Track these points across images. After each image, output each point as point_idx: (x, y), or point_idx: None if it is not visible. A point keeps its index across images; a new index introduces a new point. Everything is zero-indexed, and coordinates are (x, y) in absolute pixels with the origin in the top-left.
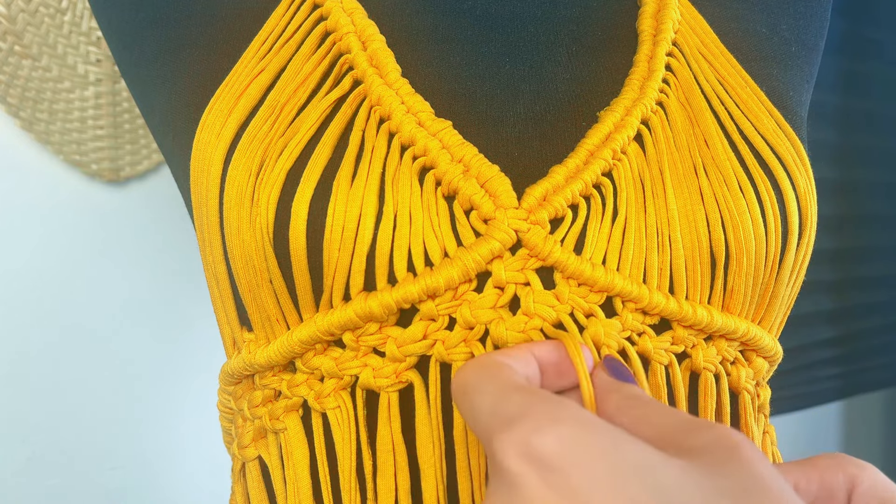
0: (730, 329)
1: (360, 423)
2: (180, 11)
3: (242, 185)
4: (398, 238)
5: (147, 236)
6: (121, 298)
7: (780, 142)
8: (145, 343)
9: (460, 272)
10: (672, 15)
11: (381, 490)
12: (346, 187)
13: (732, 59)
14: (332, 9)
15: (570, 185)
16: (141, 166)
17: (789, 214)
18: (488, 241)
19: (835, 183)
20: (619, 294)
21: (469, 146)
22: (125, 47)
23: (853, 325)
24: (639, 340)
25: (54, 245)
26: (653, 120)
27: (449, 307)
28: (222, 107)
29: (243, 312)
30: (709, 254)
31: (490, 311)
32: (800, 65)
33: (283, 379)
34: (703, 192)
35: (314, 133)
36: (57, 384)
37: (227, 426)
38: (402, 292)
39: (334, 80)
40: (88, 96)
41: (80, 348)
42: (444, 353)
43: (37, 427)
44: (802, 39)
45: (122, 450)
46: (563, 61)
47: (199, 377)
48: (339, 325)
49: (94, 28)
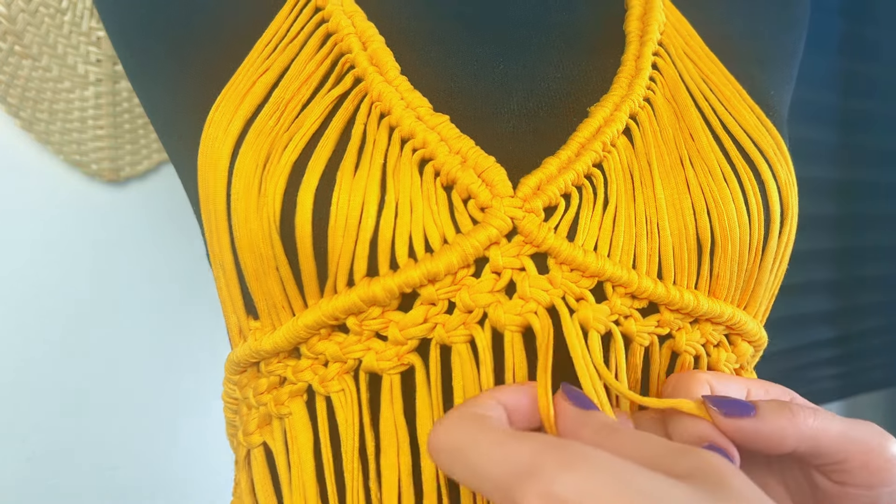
0: (715, 313)
1: (364, 405)
2: (186, 15)
3: (250, 176)
4: (399, 225)
5: (147, 236)
6: (120, 298)
7: (761, 136)
8: (145, 343)
9: (459, 257)
10: (658, 17)
11: (385, 468)
12: (350, 177)
13: (715, 58)
14: (333, 11)
15: (563, 176)
16: (141, 166)
17: (771, 203)
18: (486, 227)
19: (835, 183)
20: (609, 279)
21: (466, 139)
22: (131, 48)
23: (853, 325)
24: (624, 323)
25: (54, 245)
26: (640, 115)
27: (448, 292)
28: (229, 104)
29: (249, 301)
30: (695, 240)
31: (488, 295)
32: (780, 66)
33: (287, 365)
34: (689, 183)
35: (318, 128)
36: (57, 384)
37: (232, 417)
38: (404, 277)
39: (336, 78)
40: (88, 96)
41: (79, 348)
42: (444, 336)
43: (37, 427)
44: (782, 43)
45: (122, 450)
46: (555, 62)
47: (198, 377)
48: (344, 309)
49: (94, 28)
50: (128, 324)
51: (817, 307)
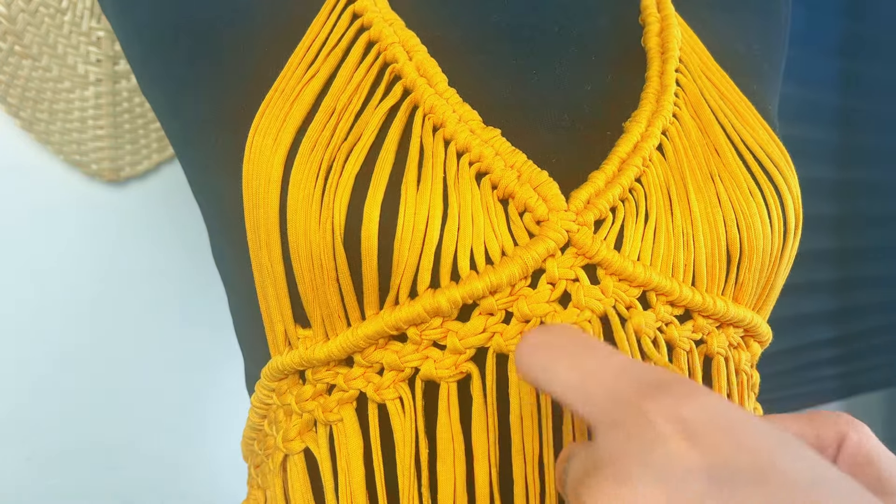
0: (739, 318)
1: (419, 412)
2: (214, 16)
3: (309, 188)
4: (462, 238)
5: (147, 236)
6: (120, 298)
7: (773, 150)
8: (145, 343)
9: (521, 269)
10: (675, 34)
11: (441, 476)
12: (414, 191)
13: (726, 75)
14: (373, 19)
15: (610, 190)
16: (141, 166)
17: (787, 215)
18: (544, 240)
19: (835, 183)
20: (654, 288)
21: (519, 153)
22: (151, 50)
23: (853, 325)
24: (666, 329)
25: (54, 245)
26: (671, 130)
27: (507, 302)
28: (275, 111)
29: (299, 310)
30: (725, 251)
31: (545, 305)
32: (771, 81)
33: (338, 373)
34: (719, 197)
35: (374, 140)
36: (56, 384)
37: (258, 421)
38: (468, 288)
39: (385, 88)
40: (88, 96)
41: (79, 348)
42: (502, 345)
43: (37, 427)
44: (770, 58)
45: (122, 450)
46: (583, 74)
47: (198, 377)
48: (408, 320)
49: (94, 28)
50: (127, 324)
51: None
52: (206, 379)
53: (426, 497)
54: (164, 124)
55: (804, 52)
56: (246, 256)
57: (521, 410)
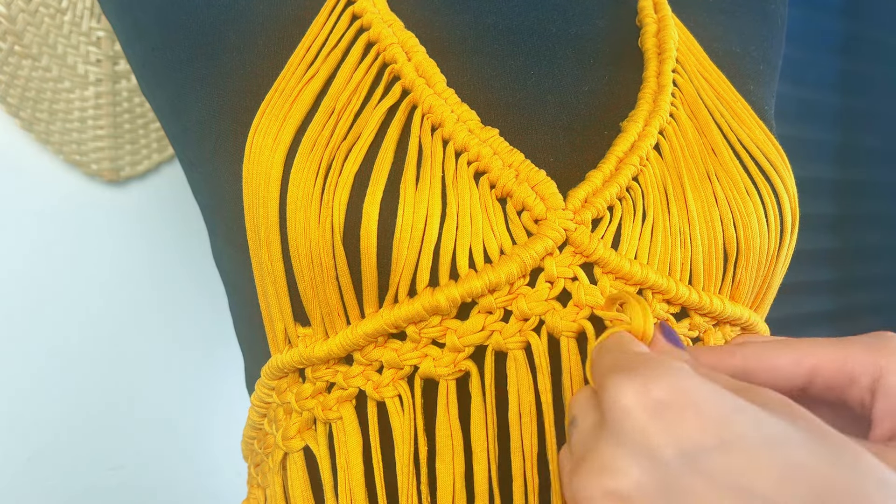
0: (736, 316)
1: (418, 410)
2: (214, 16)
3: (308, 187)
4: (460, 237)
5: (147, 236)
6: (120, 298)
7: (770, 150)
8: (145, 343)
9: (519, 268)
10: (672, 35)
11: (440, 473)
12: (413, 190)
13: (723, 75)
14: (373, 20)
15: (608, 189)
16: (141, 166)
17: (784, 214)
18: (542, 239)
19: (835, 183)
20: (651, 287)
21: (517, 152)
22: (151, 50)
23: (853, 325)
24: None
25: (54, 245)
26: (667, 130)
27: (505, 300)
28: (275, 111)
29: (298, 308)
30: (722, 250)
31: (543, 304)
32: (767, 82)
33: (338, 371)
34: (716, 196)
35: (373, 139)
36: (56, 384)
37: (258, 420)
38: (467, 287)
39: (384, 88)
40: (88, 96)
41: (79, 348)
42: (501, 343)
43: (37, 427)
44: (768, 59)
45: (122, 450)
46: (581, 75)
47: (198, 376)
48: (406, 318)
49: (94, 28)
50: (127, 323)
51: (817, 307)
52: (206, 378)
53: (425, 494)
54: (164, 124)
55: (803, 52)
56: (246, 256)
57: (519, 408)
